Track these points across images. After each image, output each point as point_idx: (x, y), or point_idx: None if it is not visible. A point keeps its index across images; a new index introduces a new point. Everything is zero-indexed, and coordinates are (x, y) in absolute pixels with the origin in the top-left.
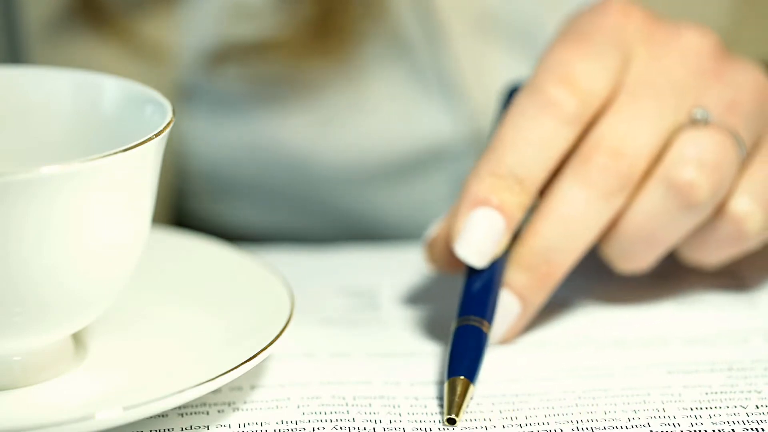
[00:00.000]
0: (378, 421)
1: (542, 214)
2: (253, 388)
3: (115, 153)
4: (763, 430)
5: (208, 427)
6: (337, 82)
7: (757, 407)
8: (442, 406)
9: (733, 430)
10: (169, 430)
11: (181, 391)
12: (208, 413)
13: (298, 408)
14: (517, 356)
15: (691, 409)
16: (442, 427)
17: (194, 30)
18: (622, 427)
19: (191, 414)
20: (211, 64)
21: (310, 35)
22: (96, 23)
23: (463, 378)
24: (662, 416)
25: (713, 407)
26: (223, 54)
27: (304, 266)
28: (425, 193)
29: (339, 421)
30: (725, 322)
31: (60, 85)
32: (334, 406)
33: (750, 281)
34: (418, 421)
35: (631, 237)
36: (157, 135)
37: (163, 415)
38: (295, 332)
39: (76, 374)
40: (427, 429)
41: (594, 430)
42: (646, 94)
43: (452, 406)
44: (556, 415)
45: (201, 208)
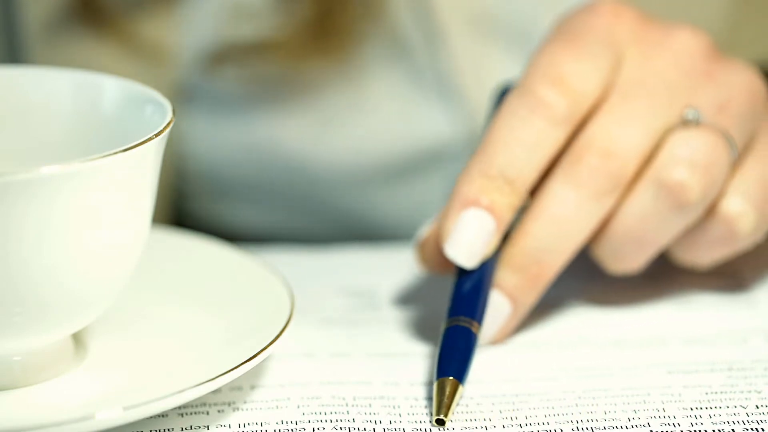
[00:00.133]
0: (378, 422)
1: (533, 215)
2: (253, 388)
3: (115, 153)
4: (763, 430)
5: (208, 427)
6: (336, 82)
7: (757, 407)
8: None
9: (733, 430)
10: (169, 430)
11: (181, 391)
12: (208, 413)
13: (298, 408)
14: (517, 356)
15: (691, 409)
16: (442, 428)
17: (193, 30)
18: (622, 427)
19: (191, 414)
20: (211, 65)
21: (309, 36)
22: (95, 24)
23: (452, 379)
24: (662, 416)
25: (713, 407)
26: (222, 54)
27: (304, 266)
28: (424, 194)
29: (339, 421)
30: (725, 322)
31: (60, 85)
32: (334, 406)
33: (750, 281)
34: (418, 421)
35: (622, 238)
36: (157, 135)
37: (163, 415)
38: (295, 332)
39: (76, 374)
40: (427, 429)
41: (594, 430)
42: (637, 94)
43: (441, 406)
44: (556, 415)
45: (200, 209)
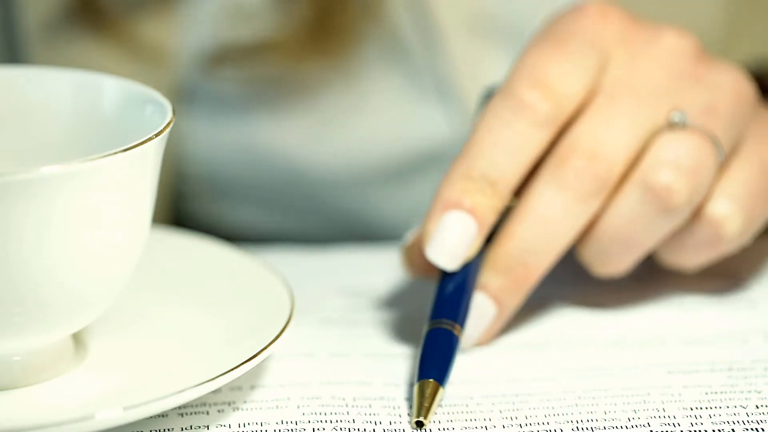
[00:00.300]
0: (378, 422)
1: (518, 217)
2: (253, 388)
3: (115, 153)
4: (763, 430)
5: (208, 427)
6: (335, 83)
7: (757, 407)
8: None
9: (733, 430)
10: (169, 430)
11: (181, 391)
12: (208, 413)
13: (298, 408)
14: (517, 356)
15: (691, 409)
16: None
17: (193, 31)
18: (622, 427)
19: (191, 414)
20: (210, 66)
21: (307, 36)
22: (95, 24)
23: (432, 381)
24: (662, 416)
25: (713, 407)
26: (221, 55)
27: (304, 266)
28: (423, 195)
29: (339, 422)
30: (725, 323)
31: (60, 85)
32: (334, 406)
33: (750, 281)
34: None
35: (608, 240)
36: (157, 135)
37: (163, 415)
38: (295, 332)
39: (76, 374)
40: (427, 430)
41: (594, 430)
42: (623, 95)
43: (421, 409)
44: (556, 415)
45: (200, 210)
